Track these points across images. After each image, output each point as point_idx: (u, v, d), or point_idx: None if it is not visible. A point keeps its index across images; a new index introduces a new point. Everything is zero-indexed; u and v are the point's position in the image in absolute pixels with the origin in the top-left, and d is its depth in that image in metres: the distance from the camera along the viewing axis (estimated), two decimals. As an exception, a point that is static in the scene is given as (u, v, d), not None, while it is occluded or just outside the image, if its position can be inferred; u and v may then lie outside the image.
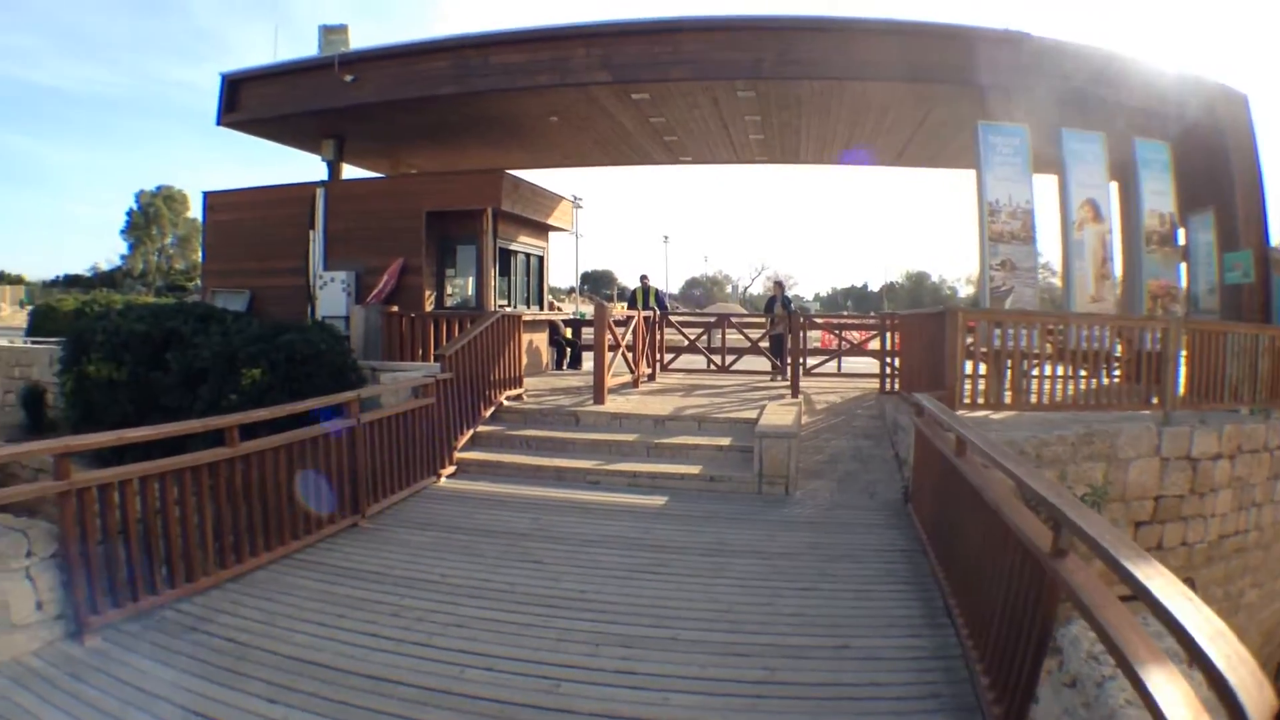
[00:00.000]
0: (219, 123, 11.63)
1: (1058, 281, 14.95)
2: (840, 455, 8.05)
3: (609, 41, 9.65)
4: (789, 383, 11.05)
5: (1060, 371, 7.49)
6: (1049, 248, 18.66)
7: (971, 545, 3.84)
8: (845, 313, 57.52)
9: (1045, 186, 9.56)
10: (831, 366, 13.76)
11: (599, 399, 9.31)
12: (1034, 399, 7.25)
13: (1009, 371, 7.41)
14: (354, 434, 6.17)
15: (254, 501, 5.08)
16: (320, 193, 11.79)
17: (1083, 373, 7.56)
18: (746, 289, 79.48)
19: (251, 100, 11.59)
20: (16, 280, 55.63)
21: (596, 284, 73.25)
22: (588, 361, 13.34)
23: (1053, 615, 2.63)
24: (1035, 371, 7.40)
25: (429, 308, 11.39)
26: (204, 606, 4.32)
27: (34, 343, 13.57)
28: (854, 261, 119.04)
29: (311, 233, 11.70)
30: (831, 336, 15.28)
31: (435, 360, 8.40)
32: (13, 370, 11.61)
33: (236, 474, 4.98)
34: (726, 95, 10.20)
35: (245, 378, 7.46)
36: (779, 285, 16.39)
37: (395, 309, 10.80)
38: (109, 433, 4.64)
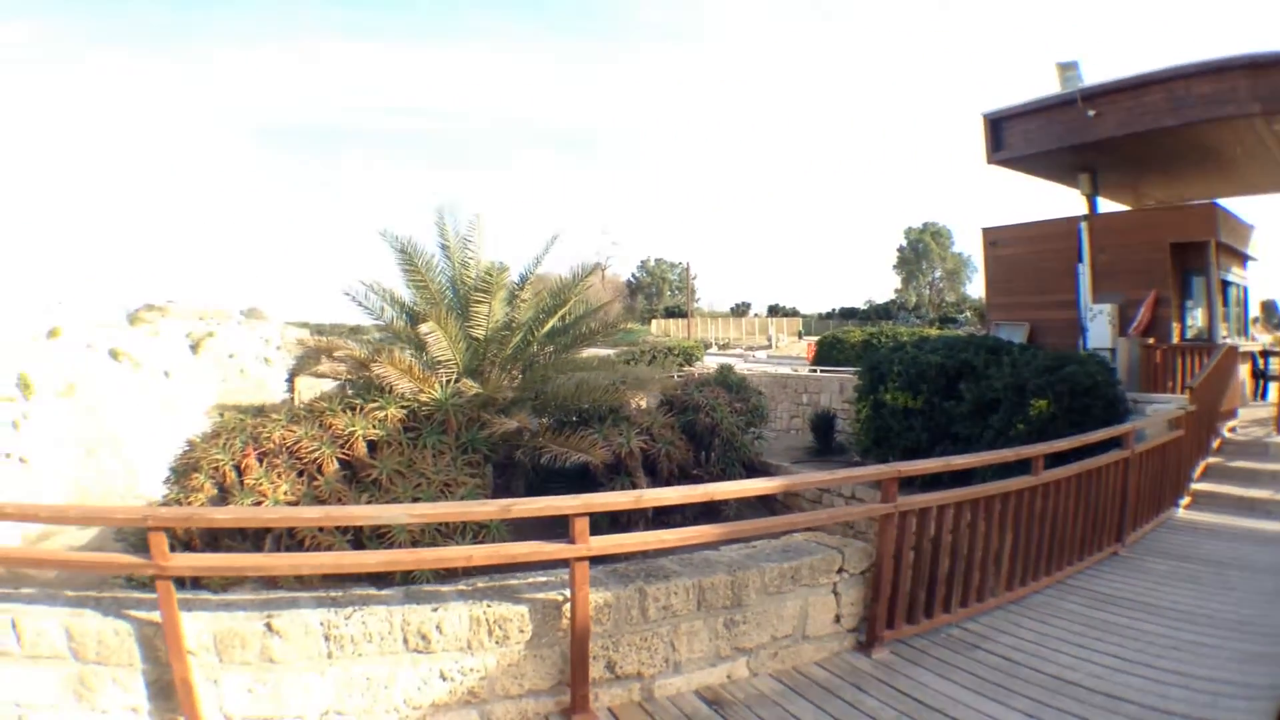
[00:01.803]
0: (989, 161, 12.67)
1: None
2: None
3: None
4: None
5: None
6: None
7: None
8: None
9: None
10: None
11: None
12: None
13: None
14: (1127, 465, 6.25)
15: (1045, 529, 5.47)
16: (1082, 226, 12.15)
17: None
18: None
19: (1014, 138, 12.34)
20: (792, 313, 62.01)
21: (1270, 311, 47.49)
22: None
23: None
24: None
25: (1176, 339, 11.39)
26: (986, 626, 4.87)
27: (822, 372, 15.61)
28: None
29: (1080, 266, 12.14)
30: None
31: (1184, 392, 8.57)
32: (801, 397, 13.75)
33: (1036, 502, 5.35)
34: None
35: (1033, 408, 7.78)
36: None
37: (1152, 341, 10.98)
38: (934, 460, 5.36)
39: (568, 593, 3.56)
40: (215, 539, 4.68)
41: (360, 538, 5.68)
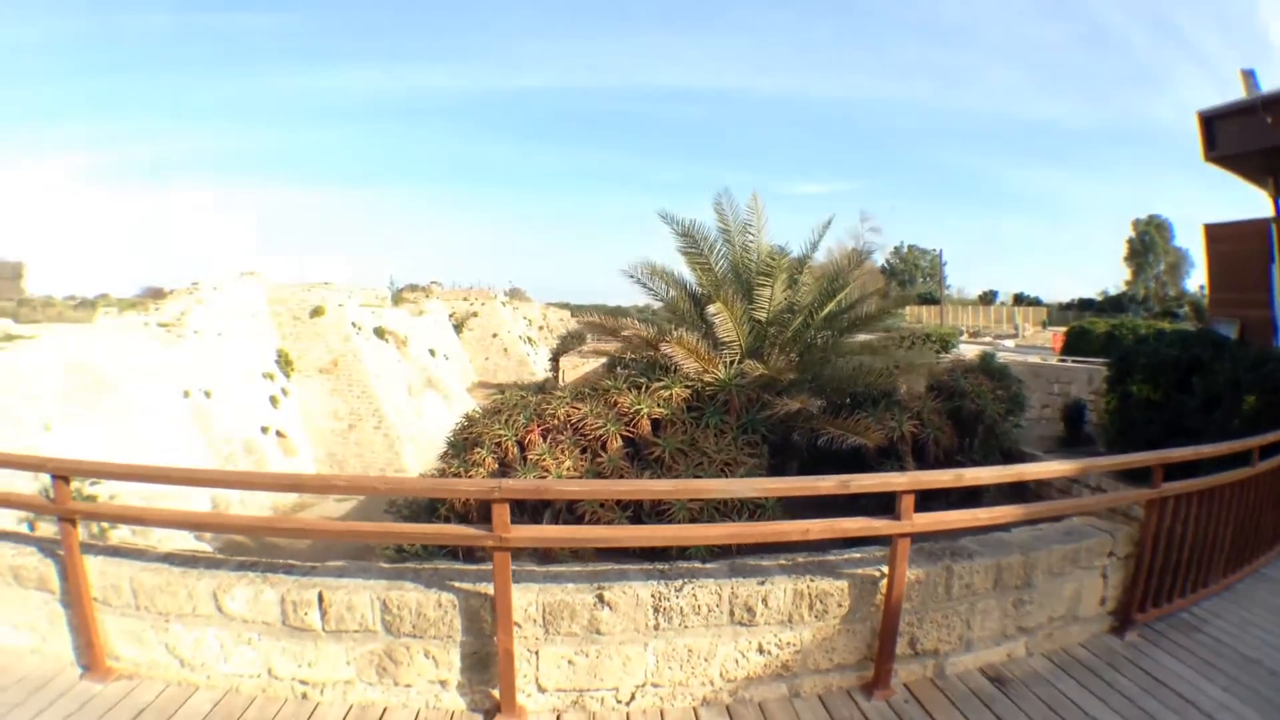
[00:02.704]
0: (1204, 159, 12.51)
1: None
2: None
3: None
4: None
5: None
6: None
7: None
8: None
9: None
10: None
11: None
12: None
13: None
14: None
15: (1253, 518, 5.42)
16: (1271, 227, 12.03)
17: None
18: None
19: (1223, 137, 12.24)
20: (1034, 302, 60.22)
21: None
22: None
23: None
24: None
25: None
26: (1206, 611, 4.91)
27: (1073, 362, 15.51)
28: None
29: (1272, 266, 11.97)
30: None
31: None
32: (1052, 387, 13.66)
33: (1250, 492, 5.26)
34: None
35: (1245, 404, 7.80)
36: None
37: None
38: (1188, 449, 5.01)
39: (884, 568, 3.48)
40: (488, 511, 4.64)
41: (640, 514, 5.58)
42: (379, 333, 34.89)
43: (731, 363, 8.36)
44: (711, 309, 8.52)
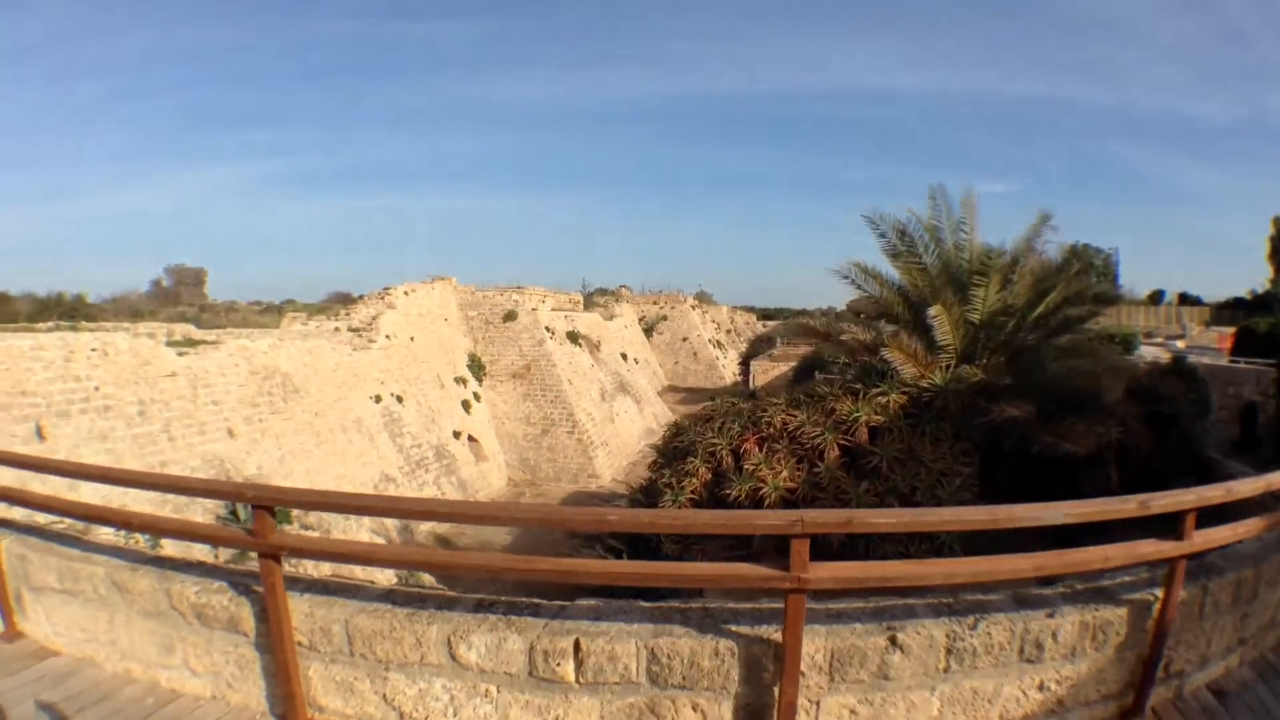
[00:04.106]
0: None
1: None
2: None
3: None
4: None
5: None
6: None
7: None
8: None
9: None
10: None
11: None
12: None
13: None
14: None
15: None
16: None
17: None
18: None
19: None
20: (1196, 301, 59.29)
21: None
22: None
23: None
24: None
25: None
26: None
27: (1245, 363, 15.32)
28: None
29: None
30: None
31: None
32: (1227, 389, 13.46)
33: None
34: None
35: None
36: None
37: None
38: None
39: (1156, 591, 3.32)
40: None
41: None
42: (572, 337, 34.43)
43: (947, 367, 8.07)
44: (931, 311, 8.22)
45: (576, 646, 2.96)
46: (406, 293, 28.25)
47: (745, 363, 48.42)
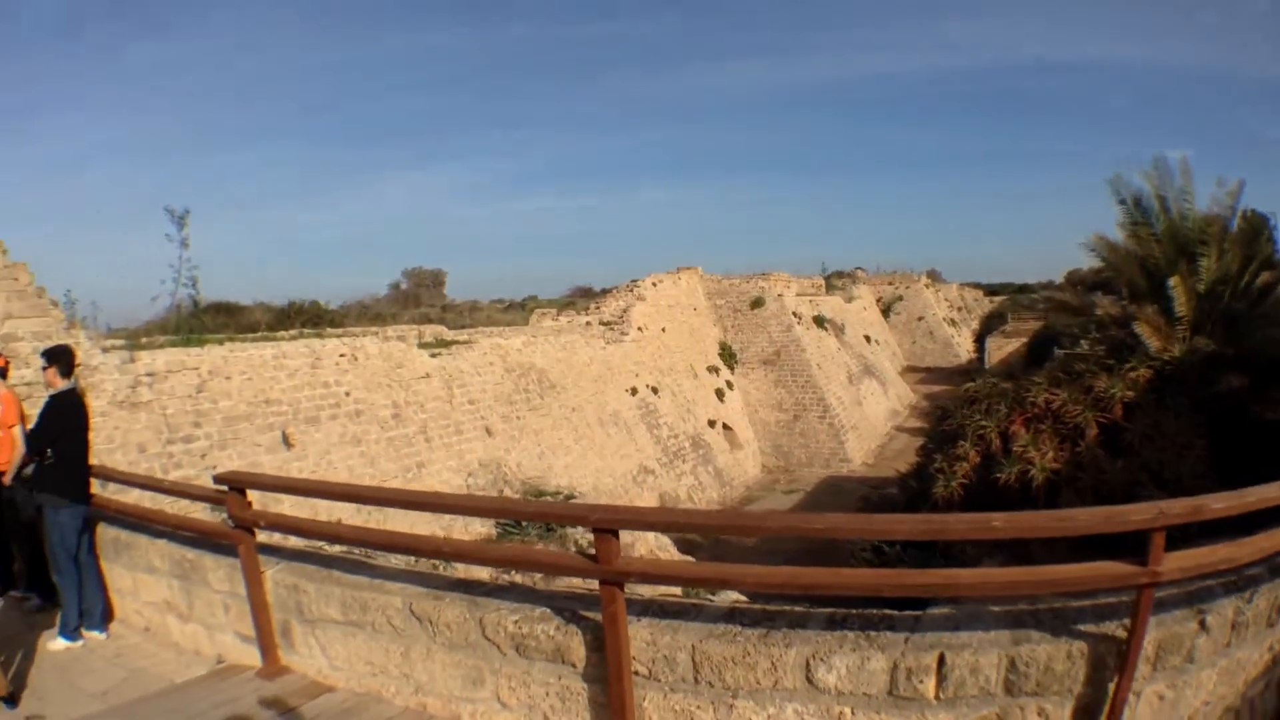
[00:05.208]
0: None
1: None
2: None
3: None
4: None
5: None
6: None
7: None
8: None
9: None
10: None
11: None
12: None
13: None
14: None
15: None
16: None
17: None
18: None
19: None
20: None
21: None
22: None
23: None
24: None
25: None
26: None
27: None
28: None
29: None
30: None
31: None
32: None
33: None
34: None
35: None
36: None
37: None
38: None
39: None
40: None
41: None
42: (818, 321, 34.89)
43: (1184, 338, 8.08)
44: (1171, 281, 8.23)
45: (940, 661, 2.94)
46: (654, 284, 28.52)
47: (980, 339, 48.72)
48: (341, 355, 14.41)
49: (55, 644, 5.00)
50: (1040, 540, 4.96)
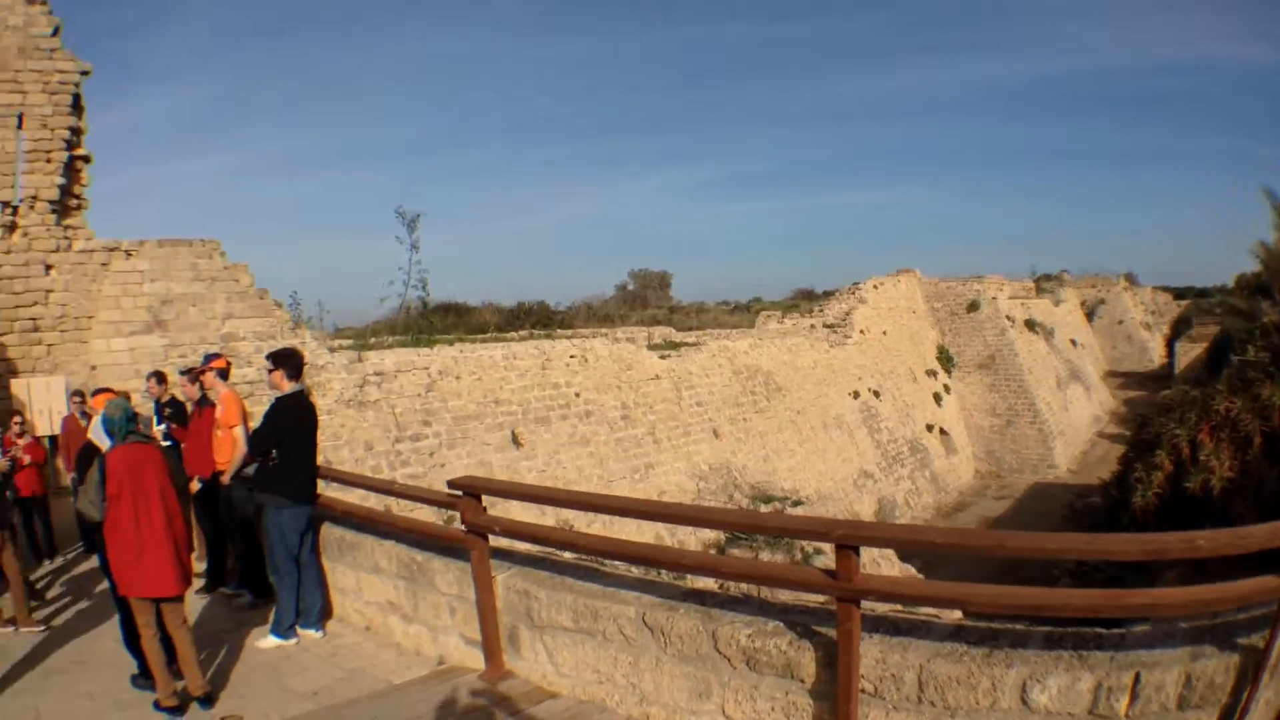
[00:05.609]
0: None
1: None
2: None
3: None
4: None
5: None
6: None
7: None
8: None
9: None
10: None
11: None
12: None
13: None
14: None
15: None
16: None
17: None
18: None
19: None
20: None
21: None
22: None
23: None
24: None
25: None
26: None
27: None
28: None
29: None
30: None
31: None
32: None
33: None
34: None
35: None
36: None
37: None
38: None
39: None
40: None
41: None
42: (1030, 325, 35.08)
43: None
44: None
45: (1136, 680, 3.04)
46: (875, 286, 28.66)
47: (1170, 344, 48.29)
48: (571, 356, 14.52)
49: (266, 642, 5.00)
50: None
